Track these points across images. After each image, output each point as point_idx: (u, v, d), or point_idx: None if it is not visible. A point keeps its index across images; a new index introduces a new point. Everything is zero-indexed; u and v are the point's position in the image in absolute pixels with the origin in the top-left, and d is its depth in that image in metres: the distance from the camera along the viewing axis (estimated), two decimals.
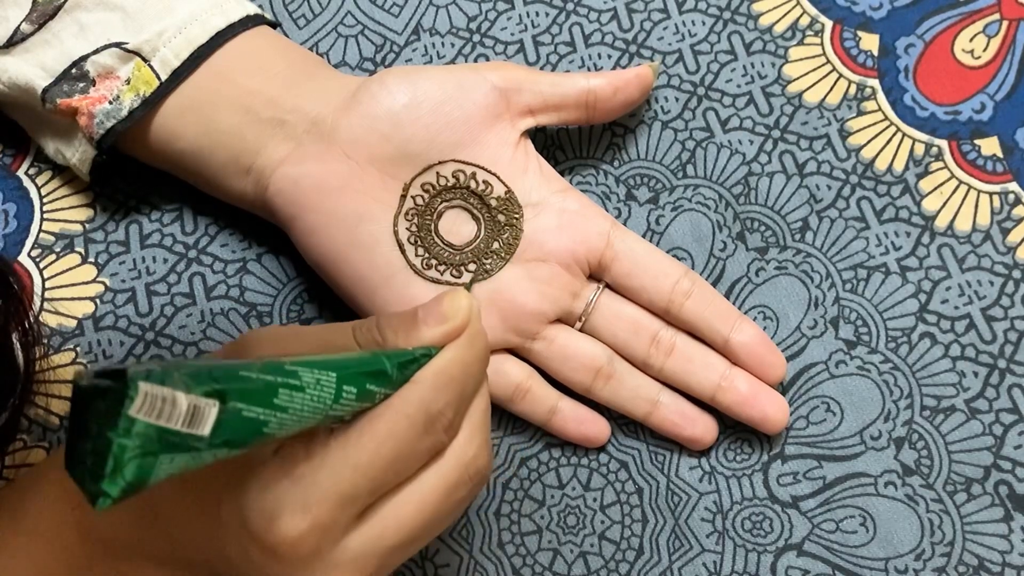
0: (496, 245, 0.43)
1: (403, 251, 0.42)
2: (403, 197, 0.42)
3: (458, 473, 0.34)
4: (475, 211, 0.43)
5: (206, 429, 0.26)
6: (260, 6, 0.48)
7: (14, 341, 0.38)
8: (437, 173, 0.42)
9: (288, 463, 0.32)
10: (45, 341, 0.45)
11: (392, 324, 0.34)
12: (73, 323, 0.45)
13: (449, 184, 0.43)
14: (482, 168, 0.43)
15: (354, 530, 0.33)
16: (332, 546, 0.32)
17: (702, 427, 0.43)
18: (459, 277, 0.43)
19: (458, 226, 0.43)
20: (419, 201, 0.42)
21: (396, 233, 0.42)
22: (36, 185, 0.47)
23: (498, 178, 0.43)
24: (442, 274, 0.42)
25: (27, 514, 0.37)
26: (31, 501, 0.37)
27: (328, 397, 0.30)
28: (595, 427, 0.43)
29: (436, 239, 0.43)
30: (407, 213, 0.42)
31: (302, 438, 0.32)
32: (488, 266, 0.43)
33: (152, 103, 0.42)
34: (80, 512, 0.36)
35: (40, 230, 0.46)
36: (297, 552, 0.32)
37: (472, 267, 0.43)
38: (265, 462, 0.32)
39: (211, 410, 0.26)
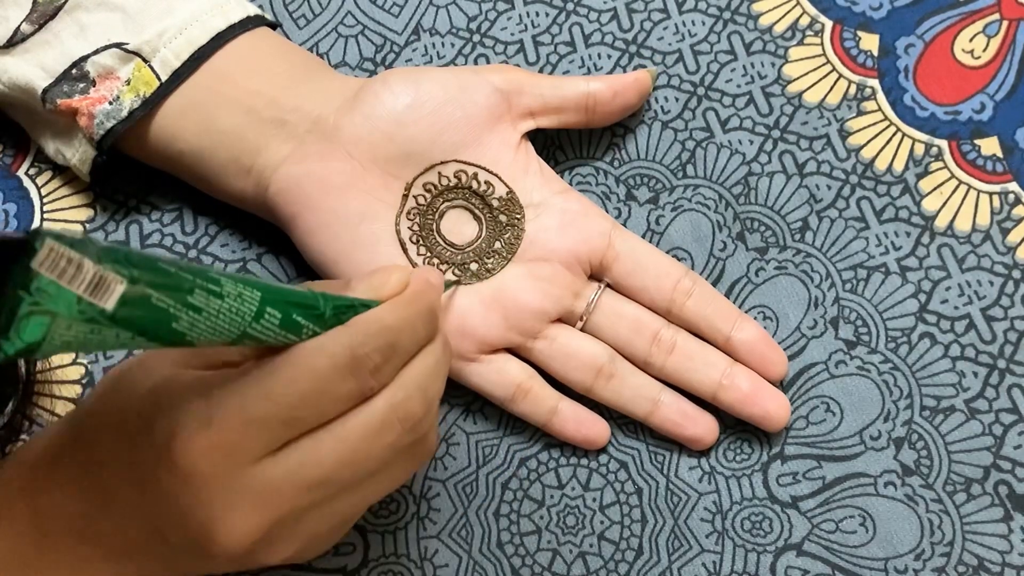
0: (498, 245, 0.43)
1: (405, 250, 0.42)
2: (405, 197, 0.42)
3: (384, 414, 0.33)
4: (477, 211, 0.43)
5: (109, 303, 0.26)
6: (260, 6, 0.48)
7: None
8: (439, 173, 0.42)
9: (201, 383, 0.32)
10: None
11: (326, 287, 0.34)
12: None
13: (451, 184, 0.43)
14: (484, 168, 0.43)
15: (266, 460, 0.32)
16: (237, 471, 0.31)
17: (703, 427, 0.43)
18: (461, 276, 0.43)
19: (460, 226, 0.43)
20: (421, 201, 0.43)
21: (398, 232, 0.42)
22: (36, 185, 0.47)
23: (500, 178, 0.43)
24: (444, 273, 0.43)
25: None
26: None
27: (248, 313, 0.30)
28: (595, 429, 0.43)
29: (438, 239, 0.43)
30: (409, 213, 0.42)
31: (223, 366, 0.32)
32: (490, 265, 0.43)
33: (152, 104, 0.42)
34: (31, 500, 0.35)
35: None
36: (198, 468, 0.31)
37: (474, 267, 0.43)
38: (180, 384, 0.32)
39: (117, 286, 0.26)
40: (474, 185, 0.43)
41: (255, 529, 0.32)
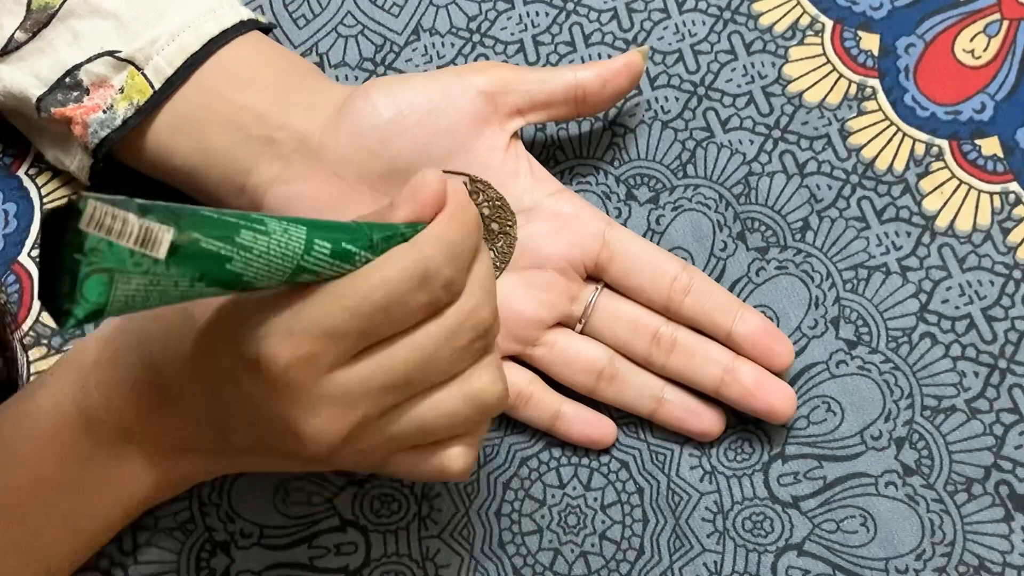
0: (491, 254, 0.43)
1: None
2: None
3: (457, 320, 0.34)
4: None
5: (161, 251, 0.27)
6: (260, 6, 0.48)
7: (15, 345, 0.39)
8: None
9: (279, 298, 0.32)
10: (45, 342, 0.45)
11: (371, 216, 0.35)
12: None
13: None
14: (472, 177, 0.42)
15: (344, 368, 0.33)
16: (318, 379, 0.33)
17: (708, 420, 0.43)
18: None
19: None
20: None
21: None
22: (36, 185, 0.47)
23: (489, 186, 0.42)
24: None
25: (28, 417, 0.38)
26: (33, 405, 0.38)
27: (297, 247, 0.30)
28: (600, 429, 0.43)
29: None
30: None
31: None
32: None
33: (146, 112, 0.42)
34: (82, 402, 0.37)
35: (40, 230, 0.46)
36: (284, 378, 0.32)
37: None
38: (258, 298, 0.33)
39: (165, 235, 0.27)
40: None
41: (339, 431, 0.33)
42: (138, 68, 0.42)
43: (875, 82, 0.47)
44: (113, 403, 0.37)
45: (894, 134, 0.46)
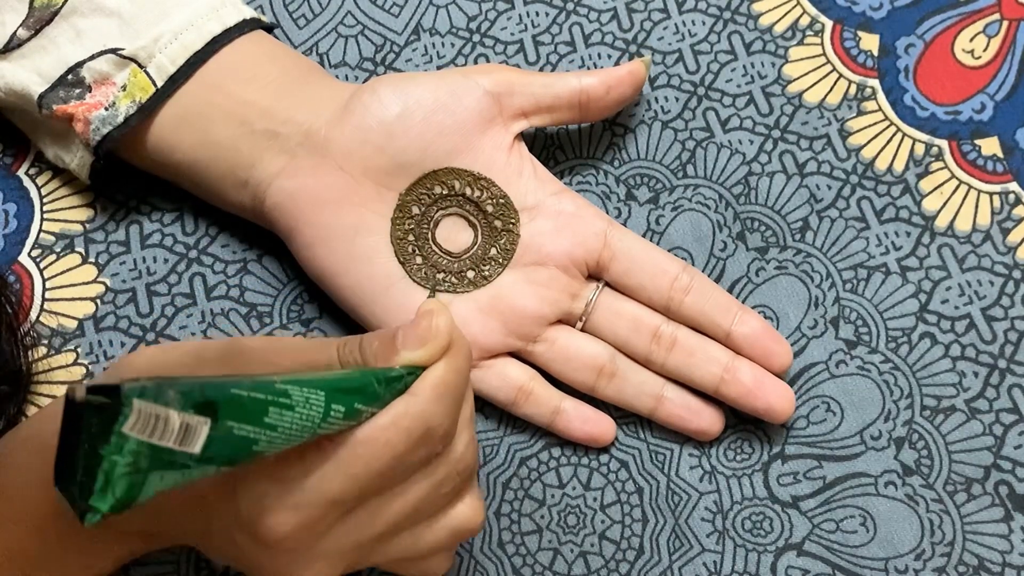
0: (494, 251, 0.43)
1: (402, 262, 0.42)
2: (399, 207, 0.42)
3: (446, 471, 0.35)
4: (471, 218, 0.43)
5: (197, 447, 0.26)
6: (260, 6, 0.48)
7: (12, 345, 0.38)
8: (432, 182, 0.42)
9: (282, 464, 0.32)
10: (45, 342, 0.45)
11: (373, 347, 0.34)
12: (74, 324, 0.45)
13: (444, 192, 0.42)
14: (476, 175, 0.42)
15: (339, 525, 0.33)
16: (317, 540, 0.33)
17: (708, 419, 0.43)
18: (459, 284, 0.43)
19: (455, 234, 0.43)
20: (416, 210, 0.42)
21: (394, 244, 0.42)
22: (36, 185, 0.47)
23: (493, 184, 0.43)
24: (441, 282, 0.43)
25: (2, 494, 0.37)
26: (4, 480, 0.37)
27: (317, 416, 0.30)
28: (600, 426, 0.43)
29: (434, 248, 0.43)
30: (404, 223, 0.42)
31: None
32: (487, 272, 0.43)
33: (148, 110, 0.42)
34: (49, 491, 0.36)
35: (40, 230, 0.46)
36: (283, 545, 0.32)
37: (471, 274, 0.43)
38: (260, 462, 0.32)
39: (203, 428, 0.26)
40: (468, 192, 0.43)
41: None
42: (140, 66, 0.42)
43: (875, 82, 0.47)
44: None
45: (894, 134, 0.46)
